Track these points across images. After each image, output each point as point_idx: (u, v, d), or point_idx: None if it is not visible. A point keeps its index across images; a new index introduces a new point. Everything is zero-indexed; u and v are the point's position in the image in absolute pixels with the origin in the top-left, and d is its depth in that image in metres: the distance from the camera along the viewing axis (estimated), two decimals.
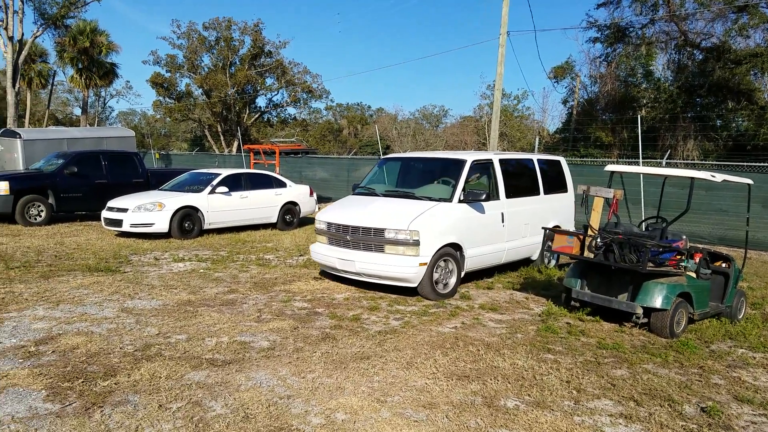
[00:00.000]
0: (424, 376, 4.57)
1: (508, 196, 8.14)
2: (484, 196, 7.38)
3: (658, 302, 5.89)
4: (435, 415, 3.88)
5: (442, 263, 7.10)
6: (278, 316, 6.15)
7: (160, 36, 77.83)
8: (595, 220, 6.59)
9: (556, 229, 6.96)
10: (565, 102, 35.01)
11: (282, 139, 28.58)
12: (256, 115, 43.66)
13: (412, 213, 6.96)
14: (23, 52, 30.26)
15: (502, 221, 7.97)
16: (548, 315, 6.63)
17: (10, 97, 29.58)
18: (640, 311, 5.99)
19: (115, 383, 4.18)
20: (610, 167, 7.12)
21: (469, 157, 7.82)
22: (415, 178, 8.42)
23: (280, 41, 40.82)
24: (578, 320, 6.48)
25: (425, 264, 6.83)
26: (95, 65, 35.30)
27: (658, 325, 6.00)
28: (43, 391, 3.99)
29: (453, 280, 7.26)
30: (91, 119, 43.70)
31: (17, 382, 4.13)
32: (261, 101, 43.92)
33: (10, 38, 29.02)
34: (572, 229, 9.12)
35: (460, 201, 7.32)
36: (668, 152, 20.05)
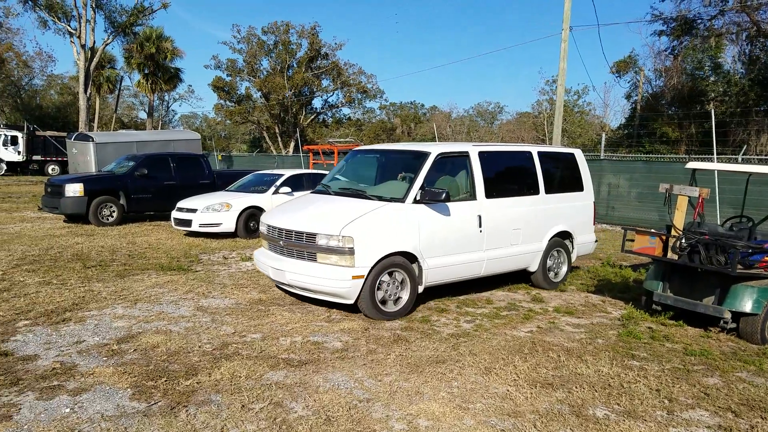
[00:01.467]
0: (505, 383, 4.39)
1: (490, 195, 6.71)
2: (444, 196, 5.98)
3: (748, 306, 5.49)
4: (522, 425, 3.70)
5: (387, 277, 5.90)
6: (347, 316, 6.10)
7: (221, 41, 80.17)
8: (679, 220, 6.20)
9: (639, 229, 6.60)
10: (628, 97, 33.73)
11: (339, 139, 28.81)
12: (312, 116, 44.28)
13: (349, 215, 5.83)
14: (94, 59, 31.81)
15: (479, 226, 6.56)
16: (628, 319, 6.29)
17: (82, 102, 31.15)
18: (728, 316, 5.60)
19: (197, 382, 4.22)
20: (692, 164, 6.68)
21: (435, 149, 6.47)
22: (378, 173, 7.14)
23: (336, 43, 41.23)
24: (660, 325, 6.12)
25: (361, 276, 5.65)
26: (160, 70, 36.71)
27: (748, 330, 5.60)
28: (129, 390, 4.06)
29: (406, 296, 6.04)
30: (155, 123, 45.48)
31: (104, 380, 4.23)
32: (317, 102, 44.53)
33: (83, 46, 30.56)
34: (590, 235, 8.21)
35: (416, 201, 6.06)
36: (744, 147, 18.88)
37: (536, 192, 7.34)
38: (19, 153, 31.02)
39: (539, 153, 7.55)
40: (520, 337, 5.58)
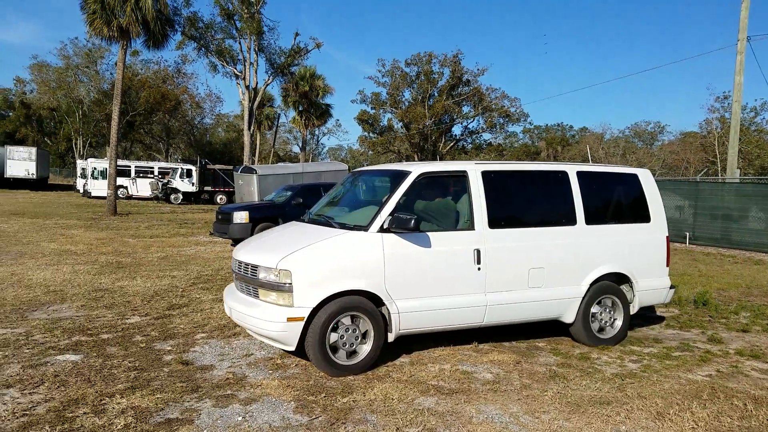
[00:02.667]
0: (680, 430, 3.97)
1: (496, 224, 5.54)
2: (413, 223, 4.93)
3: None
4: None
5: (349, 321, 4.99)
6: (496, 347, 5.98)
7: (367, 76, 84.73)
8: None
9: None
10: None
11: None
12: (452, 143, 44.73)
13: (295, 246, 5.02)
14: (257, 99, 35.31)
15: (477, 262, 5.41)
16: None
17: (246, 139, 34.62)
18: None
19: (353, 401, 4.40)
20: None
21: (418, 168, 5.46)
22: (364, 197, 6.31)
23: (478, 69, 41.58)
24: None
25: (299, 319, 4.77)
26: (313, 107, 39.67)
27: None
28: (293, 403, 4.35)
29: (367, 347, 5.05)
30: (307, 155, 49.09)
31: (270, 392, 4.58)
32: (456, 129, 44.99)
33: (247, 87, 34.11)
34: (661, 279, 6.41)
35: (382, 230, 5.08)
36: None
37: (571, 222, 5.93)
38: (193, 184, 35.25)
39: (580, 174, 6.12)
40: (696, 381, 5.03)
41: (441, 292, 5.29)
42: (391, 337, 5.13)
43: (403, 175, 5.43)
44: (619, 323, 6.18)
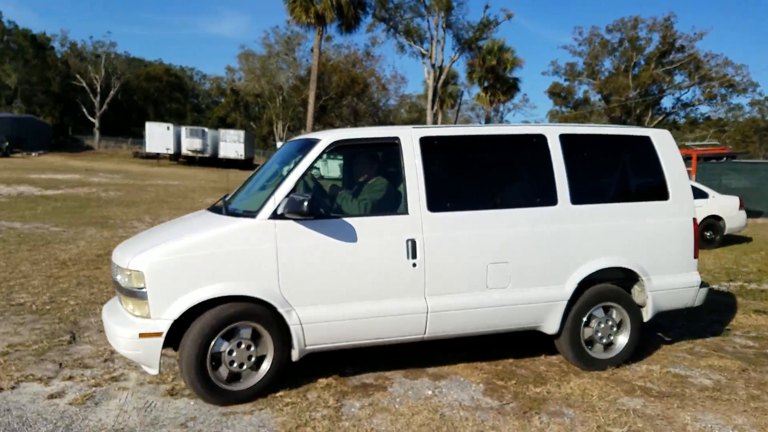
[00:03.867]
0: None
1: (438, 206, 4.33)
2: (306, 206, 3.81)
3: None
4: None
5: (236, 335, 3.97)
6: (715, 350, 5.36)
7: (561, 45, 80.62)
8: None
9: None
10: None
11: (699, 143, 25.65)
12: (660, 117, 40.61)
13: (159, 240, 4.03)
14: (441, 77, 35.80)
15: (411, 256, 4.22)
16: None
17: (429, 118, 35.40)
18: None
19: (547, 392, 4.29)
20: None
21: (330, 136, 4.33)
22: (275, 173, 4.88)
23: (695, 33, 36.98)
24: None
25: (156, 335, 3.75)
26: (499, 82, 38.98)
27: None
28: (481, 385, 4.40)
29: (262, 369, 4.05)
30: None
31: (458, 371, 4.68)
32: (667, 101, 40.66)
33: (433, 65, 34.74)
34: (687, 275, 4.98)
35: (275, 216, 3.99)
36: None
37: (549, 201, 4.61)
38: None
39: (565, 138, 4.74)
40: None
41: (360, 296, 4.15)
42: (295, 355, 4.06)
43: (311, 144, 4.32)
44: (624, 339, 4.84)
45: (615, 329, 4.83)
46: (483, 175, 4.77)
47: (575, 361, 4.75)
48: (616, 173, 5.12)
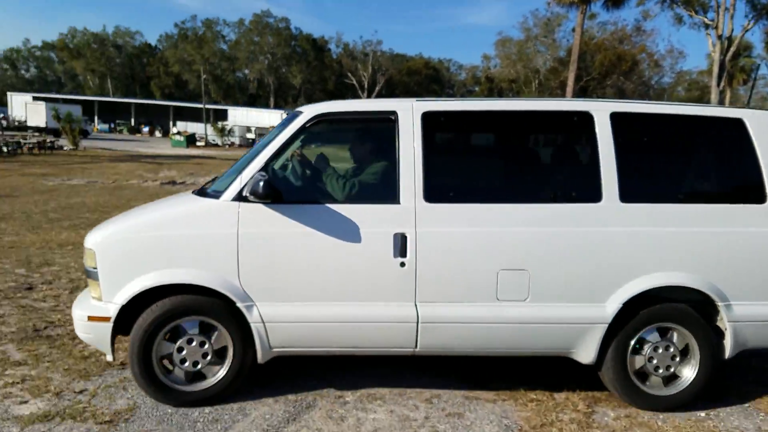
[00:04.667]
0: None
1: (439, 196, 3.60)
2: (263, 188, 3.36)
3: None
4: None
5: (190, 328, 3.62)
6: None
7: None
8: None
9: None
10: None
11: None
12: None
13: (120, 219, 3.92)
14: (730, 49, 31.02)
15: (400, 254, 3.54)
16: None
17: (714, 96, 31.01)
18: None
19: None
20: None
21: (311, 109, 3.81)
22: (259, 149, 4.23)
23: None
24: None
25: (104, 320, 3.54)
26: None
27: None
28: (762, 414, 3.69)
29: (221, 373, 3.67)
30: None
31: (731, 394, 4.01)
32: None
33: (719, 37, 30.27)
34: None
35: (241, 198, 3.53)
36: None
37: (590, 197, 3.65)
38: None
39: (619, 117, 3.74)
40: None
41: (336, 296, 3.64)
42: (260, 356, 3.68)
43: (292, 118, 3.89)
44: (690, 372, 3.75)
45: (678, 358, 3.75)
46: (500, 161, 4.12)
47: (626, 397, 3.78)
48: (691, 165, 4.09)
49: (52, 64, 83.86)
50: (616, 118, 3.75)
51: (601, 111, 3.76)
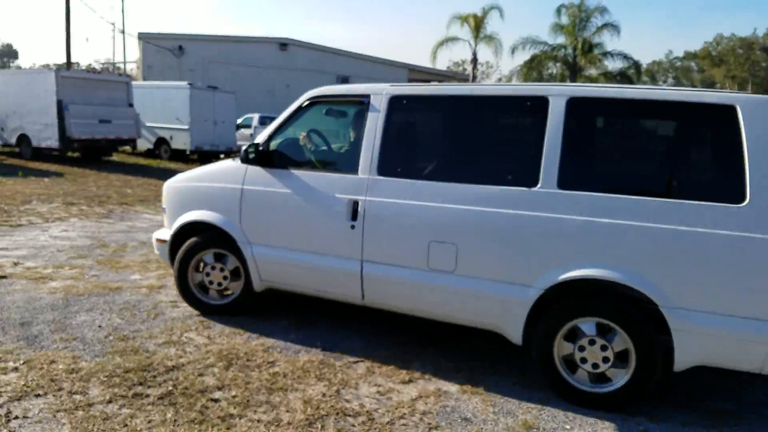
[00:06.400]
0: None
1: (389, 171, 4.27)
2: (253, 153, 4.66)
3: None
4: None
5: (209, 258, 5.00)
6: None
7: None
8: None
9: None
10: None
11: None
12: None
13: (188, 172, 5.36)
14: None
15: (352, 218, 4.31)
16: None
17: None
18: None
19: None
20: None
21: (311, 91, 4.86)
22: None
23: None
24: None
25: (163, 242, 5.20)
26: None
27: None
28: None
29: (238, 290, 5.04)
30: None
31: None
32: None
33: None
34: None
35: (248, 160, 4.73)
36: None
37: (526, 181, 3.80)
38: None
39: (575, 102, 3.76)
40: None
41: (303, 246, 4.60)
42: (257, 286, 4.90)
43: (300, 98, 4.87)
44: (622, 374, 3.61)
45: (610, 361, 3.64)
46: (449, 143, 4.47)
47: (550, 384, 3.86)
48: (656, 157, 3.92)
49: (690, 74, 77.44)
50: (573, 103, 3.80)
51: (559, 96, 3.84)
